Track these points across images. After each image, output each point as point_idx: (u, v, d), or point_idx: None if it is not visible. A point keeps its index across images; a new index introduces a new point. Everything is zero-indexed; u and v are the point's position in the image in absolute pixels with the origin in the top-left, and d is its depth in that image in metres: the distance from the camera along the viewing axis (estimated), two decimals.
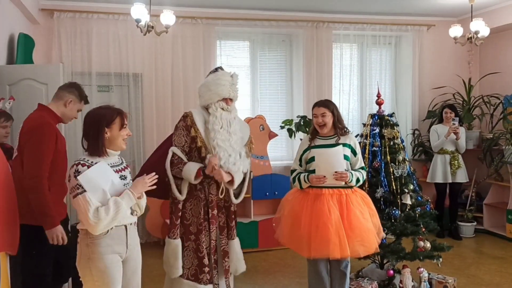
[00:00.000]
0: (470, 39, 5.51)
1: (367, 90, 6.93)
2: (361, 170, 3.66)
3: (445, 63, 7.06)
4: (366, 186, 4.08)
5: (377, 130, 4.20)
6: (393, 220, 4.00)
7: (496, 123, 6.58)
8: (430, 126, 6.48)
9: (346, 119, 6.66)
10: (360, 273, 4.37)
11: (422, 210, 4.17)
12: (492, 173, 6.35)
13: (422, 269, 4.13)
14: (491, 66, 6.87)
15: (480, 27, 5.41)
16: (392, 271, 4.14)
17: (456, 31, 5.70)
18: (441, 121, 6.22)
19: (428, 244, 4.09)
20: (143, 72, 6.06)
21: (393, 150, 4.15)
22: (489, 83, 6.81)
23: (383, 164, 4.10)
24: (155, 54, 6.04)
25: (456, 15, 6.87)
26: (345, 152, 3.60)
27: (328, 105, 3.67)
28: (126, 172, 2.71)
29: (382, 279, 4.17)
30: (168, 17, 5.04)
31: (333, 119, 3.66)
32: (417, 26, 6.83)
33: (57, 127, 3.19)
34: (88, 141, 2.59)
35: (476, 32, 5.43)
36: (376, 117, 4.28)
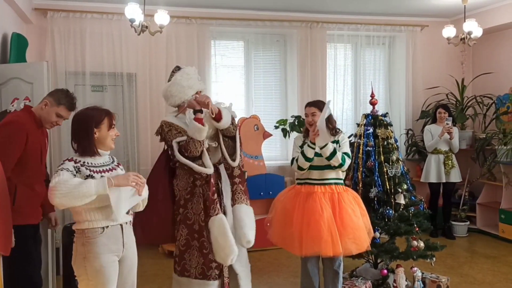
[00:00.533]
0: (463, 40, 5.54)
1: (361, 90, 6.94)
2: (344, 154, 3.62)
3: (438, 63, 7.09)
4: (360, 185, 4.11)
5: (371, 130, 4.21)
6: (386, 220, 4.01)
7: (489, 123, 6.62)
8: (424, 126, 6.50)
9: (340, 119, 6.73)
10: (354, 273, 4.38)
11: (415, 210, 4.19)
12: (485, 172, 6.39)
13: (415, 269, 4.15)
14: (484, 67, 6.91)
15: (473, 27, 5.45)
16: (386, 271, 4.15)
17: (449, 31, 5.74)
18: (434, 121, 6.25)
19: (422, 244, 4.11)
20: (137, 72, 6.05)
21: (387, 150, 4.16)
22: (482, 83, 6.85)
23: (377, 164, 4.11)
24: (149, 54, 6.03)
25: (449, 16, 6.91)
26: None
27: (319, 105, 3.67)
28: (118, 170, 2.70)
29: (376, 278, 4.18)
30: (162, 17, 5.04)
31: None
32: (410, 26, 6.86)
33: (34, 129, 3.06)
34: (77, 142, 2.58)
35: (469, 33, 5.47)
36: (370, 117, 4.29)
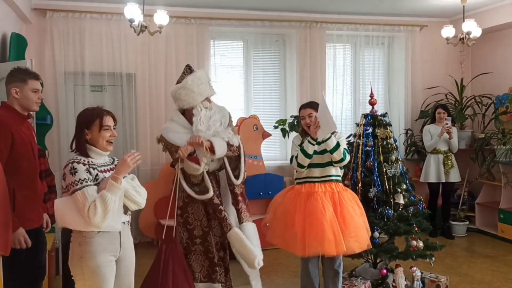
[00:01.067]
0: (462, 40, 5.55)
1: (360, 90, 6.94)
2: (344, 149, 3.63)
3: (437, 63, 7.09)
4: (359, 185, 4.11)
5: (370, 130, 4.21)
6: (386, 220, 4.02)
7: (488, 123, 6.62)
8: (423, 126, 6.51)
9: (339, 119, 6.74)
10: (354, 273, 4.39)
11: (414, 210, 4.19)
12: (484, 172, 6.40)
13: (415, 268, 4.15)
14: (483, 67, 6.92)
15: (472, 27, 5.45)
16: (385, 270, 4.16)
17: (448, 31, 5.74)
18: (433, 121, 6.25)
19: (421, 243, 4.12)
20: (136, 72, 6.05)
21: (386, 150, 4.17)
22: (481, 83, 6.86)
23: (376, 164, 4.12)
24: (148, 54, 6.03)
25: (448, 16, 6.91)
26: None
27: (314, 106, 3.68)
28: None
29: (375, 278, 4.19)
30: (161, 17, 5.04)
31: None
32: (409, 26, 6.86)
33: (18, 125, 2.94)
34: (75, 141, 2.64)
35: (468, 33, 5.47)
36: (369, 117, 4.30)
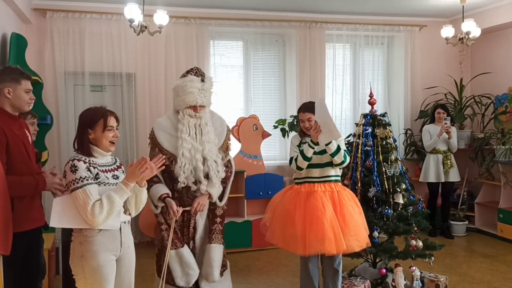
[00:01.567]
0: (462, 40, 5.56)
1: (359, 90, 6.95)
2: (344, 151, 3.63)
3: (436, 63, 7.10)
4: (359, 185, 4.12)
5: (370, 130, 4.22)
6: (385, 219, 4.02)
7: (487, 123, 6.63)
8: (422, 126, 6.52)
9: (339, 119, 6.76)
10: (353, 272, 4.39)
11: (414, 209, 4.20)
12: (483, 172, 6.41)
13: (414, 268, 4.16)
14: (482, 66, 6.93)
15: (471, 27, 5.46)
16: (384, 270, 4.16)
17: (447, 31, 5.75)
18: (433, 121, 6.25)
19: (420, 243, 4.13)
20: (136, 72, 6.05)
21: (386, 149, 4.18)
22: (480, 83, 6.87)
23: (375, 164, 4.12)
24: (148, 54, 6.04)
25: (447, 16, 6.92)
26: None
27: (313, 109, 3.64)
28: (119, 172, 2.72)
29: (374, 277, 4.19)
30: (161, 17, 5.05)
31: None
32: (409, 26, 6.87)
33: (9, 125, 2.90)
34: (77, 141, 2.64)
35: (468, 33, 5.49)
36: (369, 117, 4.31)
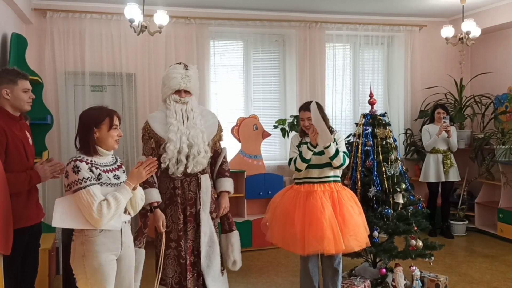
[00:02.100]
0: (462, 40, 5.56)
1: (359, 90, 6.95)
2: (343, 153, 3.65)
3: (436, 63, 7.11)
4: (359, 185, 4.12)
5: (370, 130, 4.23)
6: (385, 219, 4.03)
7: (487, 123, 6.63)
8: (422, 125, 6.52)
9: (339, 119, 6.76)
10: (353, 272, 4.40)
11: (414, 209, 4.20)
12: (483, 172, 6.41)
13: (414, 268, 4.16)
14: (482, 66, 6.93)
15: (471, 27, 5.46)
16: (384, 270, 4.17)
17: (447, 31, 5.75)
18: (432, 120, 6.25)
19: (420, 243, 4.13)
20: (136, 72, 6.05)
21: (386, 149, 4.18)
22: (480, 83, 6.87)
23: (375, 164, 4.13)
24: (148, 54, 6.04)
25: (447, 16, 6.92)
26: None
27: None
28: (120, 172, 2.72)
29: (374, 277, 4.20)
30: (161, 17, 5.05)
31: None
32: (409, 26, 6.87)
33: (10, 125, 2.93)
34: (80, 140, 2.64)
35: (468, 33, 5.49)
36: (369, 117, 4.31)
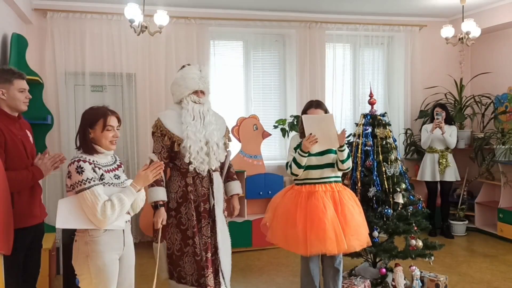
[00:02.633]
0: (462, 40, 5.57)
1: (359, 89, 6.95)
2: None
3: (436, 63, 7.11)
4: (359, 185, 4.13)
5: (370, 130, 4.23)
6: (385, 219, 4.03)
7: (487, 123, 6.64)
8: (422, 125, 6.52)
9: (339, 119, 6.76)
10: (353, 272, 4.41)
11: (414, 209, 4.21)
12: (483, 172, 6.41)
13: (414, 267, 4.16)
14: (482, 66, 6.93)
15: (471, 27, 5.47)
16: (384, 270, 4.17)
17: (447, 31, 5.76)
18: (432, 120, 6.26)
19: (420, 243, 4.13)
20: (136, 72, 6.06)
21: (386, 149, 4.18)
22: (480, 83, 6.87)
23: (375, 164, 4.13)
24: (148, 54, 6.04)
25: (447, 16, 6.93)
26: None
27: (323, 106, 3.68)
28: (119, 172, 2.72)
29: (374, 277, 4.21)
30: (161, 17, 5.05)
31: None
32: (409, 26, 6.87)
33: (8, 125, 2.94)
34: (79, 139, 2.66)
35: (467, 33, 5.49)
36: (369, 117, 4.31)
